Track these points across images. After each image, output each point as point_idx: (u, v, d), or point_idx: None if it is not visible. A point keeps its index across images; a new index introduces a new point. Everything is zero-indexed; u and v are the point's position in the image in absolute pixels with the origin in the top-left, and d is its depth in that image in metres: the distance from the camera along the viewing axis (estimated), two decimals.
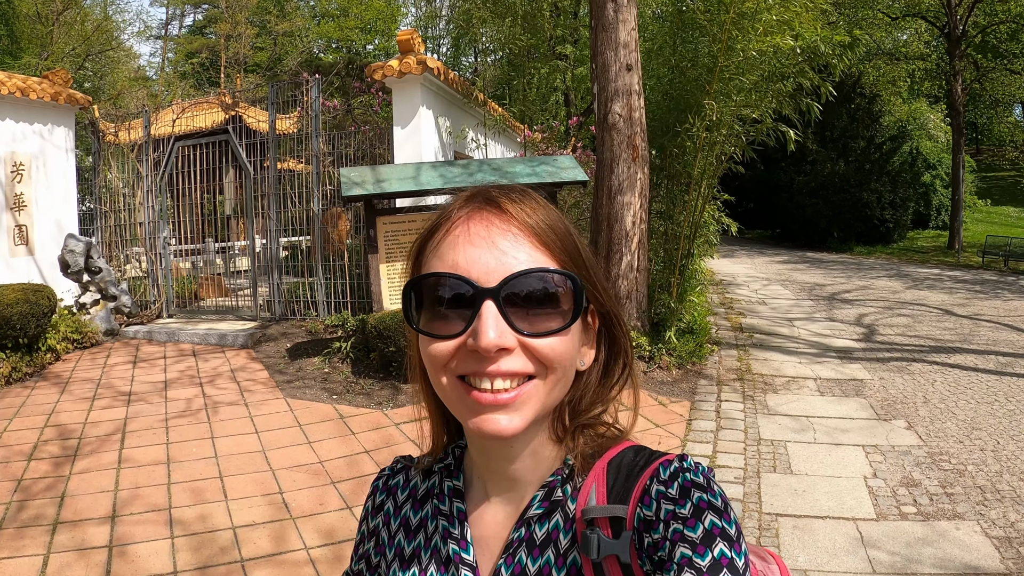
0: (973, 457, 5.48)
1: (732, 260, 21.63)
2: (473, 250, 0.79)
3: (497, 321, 0.76)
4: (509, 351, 0.77)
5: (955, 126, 24.72)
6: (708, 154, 8.98)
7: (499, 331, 0.76)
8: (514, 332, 0.77)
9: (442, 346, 0.79)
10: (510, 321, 0.77)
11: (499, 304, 0.76)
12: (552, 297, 0.78)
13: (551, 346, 0.79)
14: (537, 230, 0.81)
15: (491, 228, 0.80)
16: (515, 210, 0.81)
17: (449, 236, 0.81)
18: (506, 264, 0.77)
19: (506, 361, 0.77)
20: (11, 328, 7.80)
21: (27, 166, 10.30)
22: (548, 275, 0.78)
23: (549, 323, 0.78)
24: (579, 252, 0.84)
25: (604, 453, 0.87)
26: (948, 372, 8.08)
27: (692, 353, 8.22)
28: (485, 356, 0.77)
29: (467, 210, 0.83)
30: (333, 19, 45.20)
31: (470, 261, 0.78)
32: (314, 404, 6.97)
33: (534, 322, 0.78)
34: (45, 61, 25.98)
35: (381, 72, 9.76)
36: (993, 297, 14.08)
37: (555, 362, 0.80)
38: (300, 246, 11.29)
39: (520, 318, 0.77)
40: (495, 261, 0.78)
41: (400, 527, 0.98)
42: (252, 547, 4.17)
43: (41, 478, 5.15)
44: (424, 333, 0.81)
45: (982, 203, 34.15)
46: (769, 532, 4.35)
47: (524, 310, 0.77)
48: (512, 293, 0.77)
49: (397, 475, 1.04)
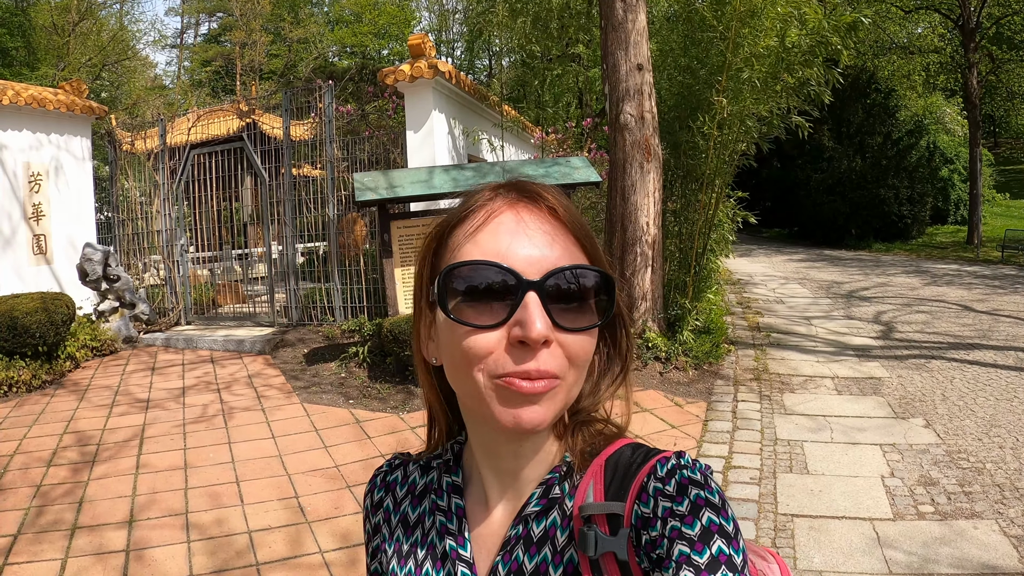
0: (992, 455, 5.43)
1: (749, 259, 21.52)
2: (514, 240, 0.78)
3: (542, 313, 0.75)
4: (549, 345, 0.76)
5: (972, 119, 24.52)
6: (721, 152, 8.96)
7: (545, 323, 0.75)
8: (553, 326, 0.76)
9: (481, 339, 0.77)
10: (550, 315, 0.76)
11: (542, 297, 0.76)
12: (586, 294, 0.78)
13: (581, 343, 0.79)
14: (572, 226, 0.81)
15: (532, 219, 0.80)
16: (552, 203, 0.81)
17: (489, 224, 0.80)
18: (548, 257, 0.77)
19: (545, 359, 0.76)
20: (30, 336, 7.89)
21: (45, 176, 10.42)
22: (587, 272, 0.78)
23: (582, 319, 0.78)
24: (600, 249, 0.85)
25: (602, 450, 0.87)
26: (967, 369, 8.01)
27: (708, 353, 8.19)
28: (533, 347, 0.76)
29: (504, 200, 0.83)
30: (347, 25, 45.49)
31: (512, 251, 0.77)
32: (330, 409, 7.00)
33: (570, 318, 0.77)
34: (62, 72, 26.26)
35: (393, 77, 9.80)
36: (1012, 292, 13.93)
37: (582, 359, 0.80)
38: (317, 252, 11.34)
39: (558, 313, 0.76)
40: (538, 253, 0.77)
41: (399, 523, 0.98)
42: (268, 551, 4.19)
43: (60, 484, 5.20)
44: (463, 323, 0.78)
45: (1001, 197, 33.75)
46: (785, 533, 4.33)
47: (562, 305, 0.77)
48: (552, 287, 0.76)
49: (395, 471, 1.04)
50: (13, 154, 10.06)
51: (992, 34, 27.42)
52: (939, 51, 27.79)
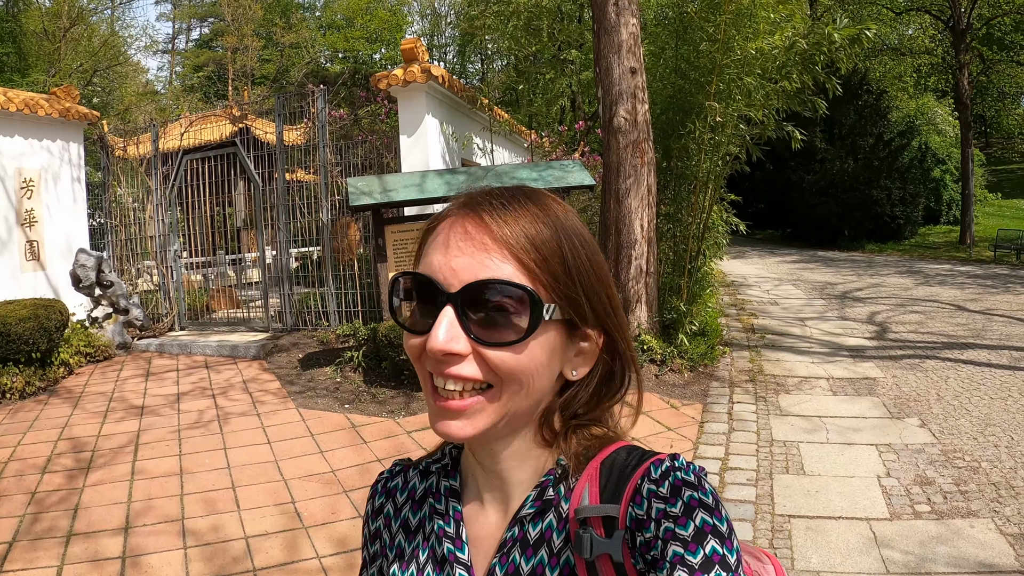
0: (987, 454, 5.45)
1: (743, 261, 21.58)
2: (445, 255, 0.81)
3: (451, 326, 0.78)
4: (460, 356, 0.79)
5: (963, 120, 24.61)
6: (714, 155, 8.97)
7: (450, 335, 0.78)
8: (468, 338, 0.79)
9: (413, 341, 0.83)
10: (467, 327, 0.78)
11: (458, 309, 0.78)
12: (507, 310, 0.78)
13: (501, 358, 0.79)
14: (510, 242, 0.80)
15: (466, 236, 0.81)
16: (491, 220, 0.81)
17: (437, 238, 0.84)
18: (471, 271, 0.79)
19: (458, 366, 0.79)
20: (23, 343, 7.86)
21: (37, 182, 10.39)
22: (506, 287, 0.78)
23: (502, 335, 0.79)
24: (569, 267, 0.83)
25: (597, 453, 0.87)
26: (961, 368, 8.03)
27: (704, 355, 8.20)
28: (440, 358, 0.79)
29: (455, 214, 0.85)
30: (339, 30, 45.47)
31: (441, 265, 0.80)
32: (326, 414, 6.99)
33: (489, 332, 0.79)
34: (53, 78, 26.19)
35: (386, 82, 9.80)
36: (1005, 291, 13.99)
37: (507, 374, 0.80)
38: (311, 256, 11.33)
39: (478, 326, 0.78)
40: (462, 268, 0.79)
41: (400, 528, 0.99)
42: (265, 556, 4.18)
43: (55, 491, 5.18)
44: (400, 324, 0.85)
45: (993, 197, 33.89)
46: (782, 534, 4.33)
47: (482, 319, 0.78)
48: (472, 300, 0.78)
49: (396, 477, 1.05)
50: (5, 160, 10.03)
51: (983, 35, 27.58)
52: (930, 52, 27.95)
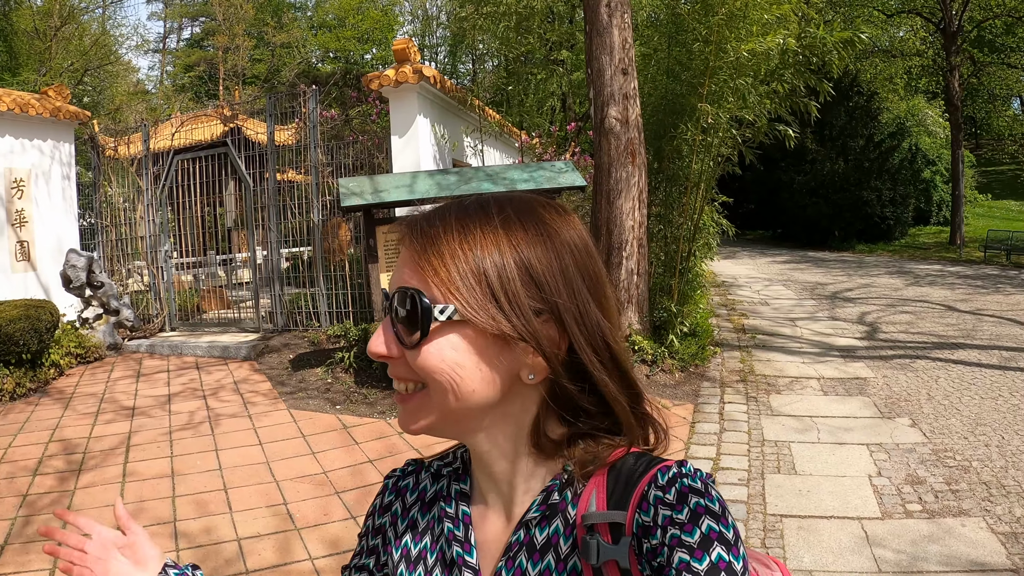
0: (978, 453, 5.47)
1: (734, 261, 21.62)
2: (393, 271, 0.89)
3: (385, 331, 0.86)
4: (394, 359, 0.85)
5: (953, 121, 24.70)
6: (705, 157, 8.99)
7: (380, 339, 0.85)
8: (397, 343, 0.84)
9: None
10: (396, 331, 0.84)
11: (392, 318, 0.84)
12: (412, 313, 0.81)
13: (412, 358, 0.83)
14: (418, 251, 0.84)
15: (406, 251, 0.86)
16: (410, 237, 0.86)
17: None
18: (397, 281, 0.86)
19: (396, 367, 0.86)
20: (14, 344, 7.81)
21: (27, 182, 10.34)
22: (409, 294, 0.82)
23: (411, 337, 0.82)
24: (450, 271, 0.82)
25: (605, 459, 0.87)
26: (951, 368, 8.07)
27: (695, 355, 8.22)
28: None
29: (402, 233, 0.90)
30: (330, 30, 45.40)
31: (394, 279, 0.87)
32: (317, 415, 6.97)
33: (404, 334, 0.83)
34: (44, 77, 26.05)
35: (378, 82, 9.78)
36: (995, 292, 14.06)
37: (423, 373, 0.83)
38: (301, 257, 11.31)
39: (400, 330, 0.83)
40: (394, 280, 0.87)
41: (407, 528, 0.99)
42: (257, 558, 4.17)
43: (46, 493, 5.16)
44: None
45: (983, 198, 34.08)
46: (774, 533, 4.34)
47: (400, 322, 0.83)
48: (393, 308, 0.84)
49: (407, 477, 1.06)
50: None
51: (974, 37, 27.68)
52: (921, 54, 28.05)
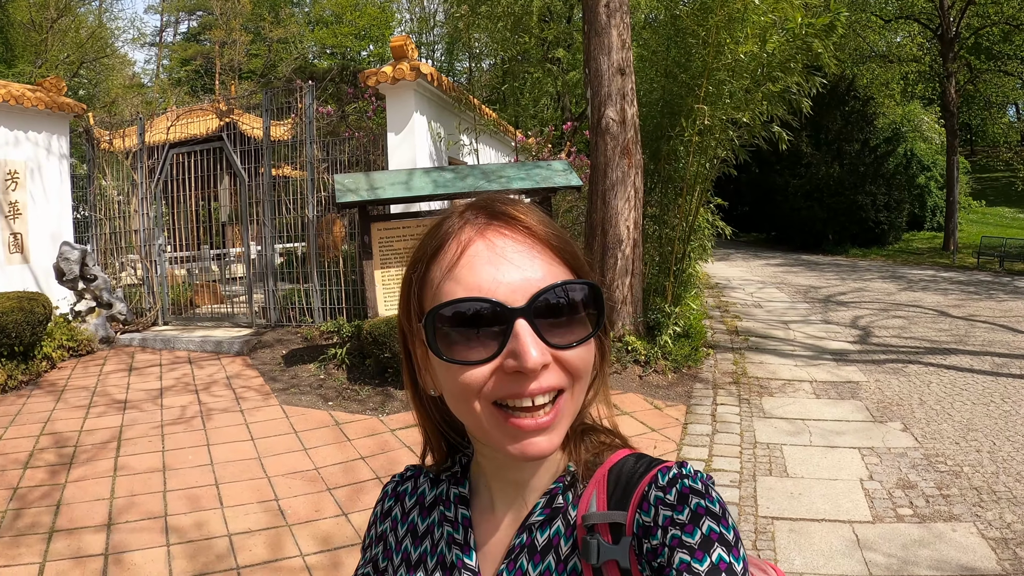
0: (969, 458, 5.49)
1: (728, 263, 21.66)
2: (493, 270, 0.78)
3: (535, 339, 0.75)
4: (547, 368, 0.77)
5: (949, 128, 24.79)
6: (701, 158, 9.01)
7: (539, 349, 0.75)
8: (548, 347, 0.76)
9: (476, 372, 0.78)
10: (543, 337, 0.76)
11: (531, 322, 0.76)
12: (576, 307, 0.78)
13: (579, 356, 0.79)
14: (548, 240, 0.81)
15: (506, 244, 0.79)
16: (526, 222, 0.81)
17: (464, 257, 0.79)
18: (529, 280, 0.77)
19: (545, 377, 0.77)
20: (6, 336, 7.78)
21: (21, 174, 10.30)
22: (571, 287, 0.78)
23: (576, 334, 0.78)
24: (581, 257, 0.84)
25: (605, 460, 0.88)
26: (944, 373, 8.09)
27: (688, 357, 8.23)
28: (528, 376, 0.76)
29: (472, 227, 0.82)
30: (327, 25, 45.26)
31: (493, 282, 0.77)
32: (310, 411, 6.96)
33: (563, 335, 0.77)
34: (39, 69, 25.99)
35: (375, 79, 9.77)
36: (988, 298, 14.11)
37: (583, 371, 0.80)
38: (295, 252, 11.29)
39: (550, 332, 0.77)
40: (519, 277, 0.77)
41: (407, 533, 0.99)
42: (248, 554, 4.16)
43: (37, 486, 5.14)
44: (456, 362, 0.78)
45: (977, 204, 34.12)
46: (765, 535, 4.35)
47: (552, 324, 0.77)
48: (541, 309, 0.76)
49: (406, 482, 1.05)
50: None
51: (971, 44, 27.74)
52: (918, 60, 28.13)
